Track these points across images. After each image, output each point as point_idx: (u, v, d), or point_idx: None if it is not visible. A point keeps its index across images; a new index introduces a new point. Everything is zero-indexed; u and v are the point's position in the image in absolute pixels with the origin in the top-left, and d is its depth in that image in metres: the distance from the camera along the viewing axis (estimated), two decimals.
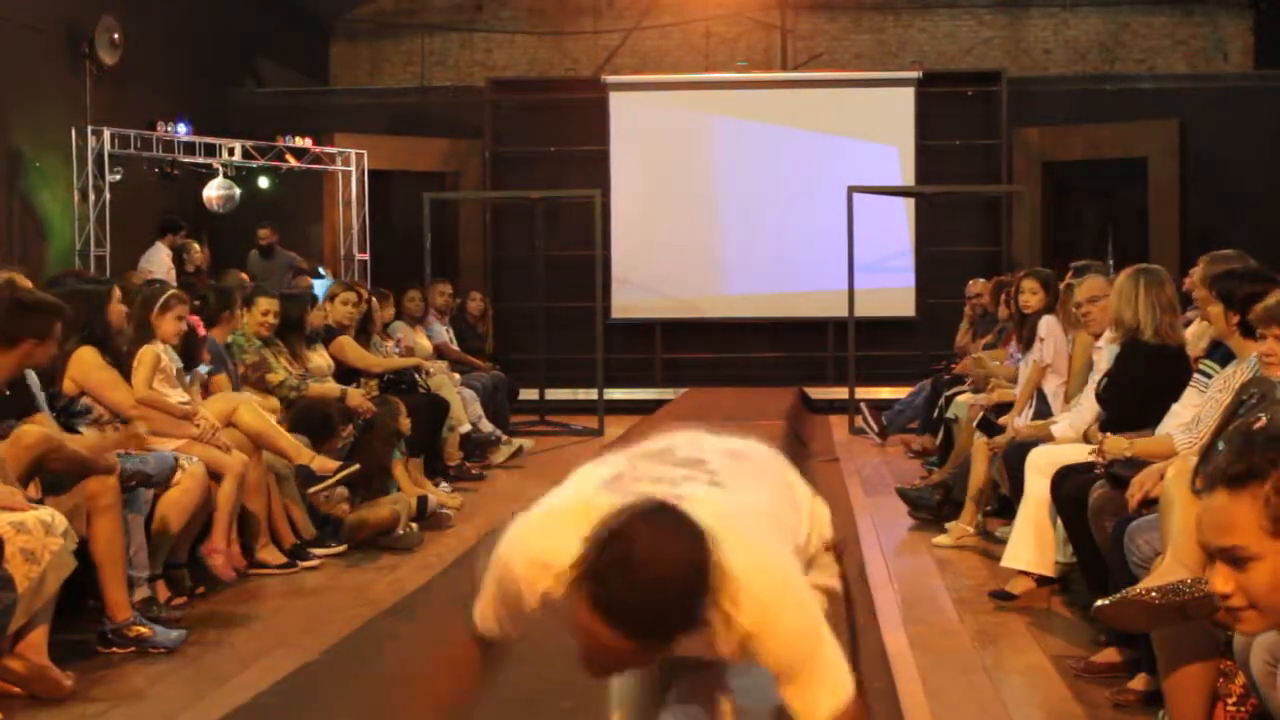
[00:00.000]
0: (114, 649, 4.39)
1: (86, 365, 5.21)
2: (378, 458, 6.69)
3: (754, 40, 15.33)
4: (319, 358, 7.37)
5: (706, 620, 1.93)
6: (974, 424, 6.78)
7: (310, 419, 6.37)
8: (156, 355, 5.61)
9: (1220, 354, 4.56)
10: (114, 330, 5.38)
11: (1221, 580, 1.90)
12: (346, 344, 7.74)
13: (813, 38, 15.35)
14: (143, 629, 4.43)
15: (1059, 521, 4.89)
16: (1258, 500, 1.82)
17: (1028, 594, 5.00)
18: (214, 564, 5.42)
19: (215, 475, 5.40)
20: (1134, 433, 4.65)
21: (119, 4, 11.29)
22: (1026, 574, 5.02)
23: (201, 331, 6.11)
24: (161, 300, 5.70)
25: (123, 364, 5.45)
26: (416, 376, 8.13)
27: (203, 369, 6.21)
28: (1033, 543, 4.99)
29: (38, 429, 4.40)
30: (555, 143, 13.96)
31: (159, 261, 10.32)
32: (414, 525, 6.47)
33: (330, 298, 8.02)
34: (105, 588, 4.39)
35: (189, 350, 5.92)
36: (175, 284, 7.96)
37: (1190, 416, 4.51)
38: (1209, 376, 4.55)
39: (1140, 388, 4.79)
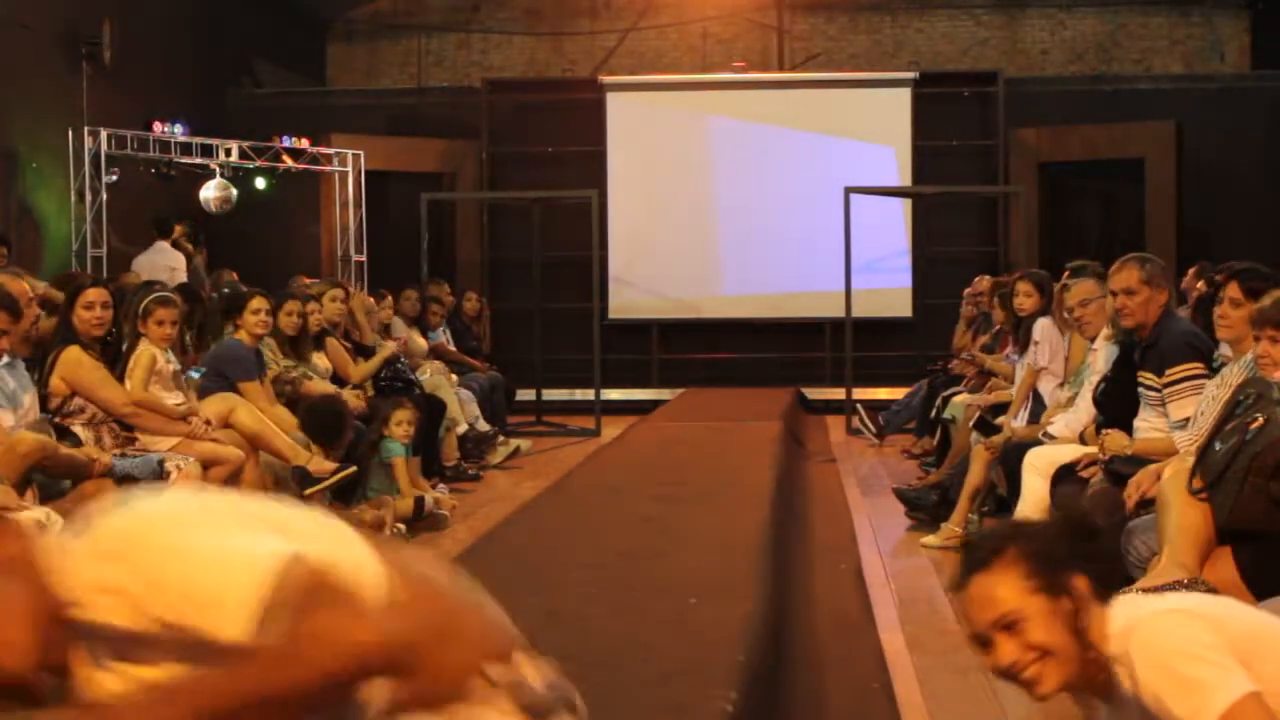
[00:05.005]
0: None
1: (75, 365, 5.21)
2: (358, 461, 6.64)
3: (751, 41, 15.33)
4: (318, 359, 7.38)
5: None
6: (971, 424, 6.79)
7: (322, 416, 6.35)
8: (152, 357, 5.61)
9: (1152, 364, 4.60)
10: (79, 333, 5.32)
11: (1006, 654, 2.10)
12: (334, 348, 7.71)
13: (810, 38, 15.35)
14: None
15: None
16: (1009, 570, 2.10)
17: None
18: None
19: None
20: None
21: (116, 4, 11.28)
22: None
23: None
24: (142, 306, 5.68)
25: (112, 363, 5.45)
26: (399, 366, 8.08)
27: (194, 373, 6.21)
28: None
29: (33, 435, 4.41)
30: (552, 143, 13.96)
31: (164, 262, 10.29)
32: (401, 526, 6.46)
33: (316, 296, 7.96)
34: None
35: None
36: (178, 285, 7.96)
37: (1152, 431, 4.54)
38: (1156, 390, 4.56)
39: (1135, 390, 4.78)
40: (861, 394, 10.95)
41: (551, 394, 11.71)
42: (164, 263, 10.23)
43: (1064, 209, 14.20)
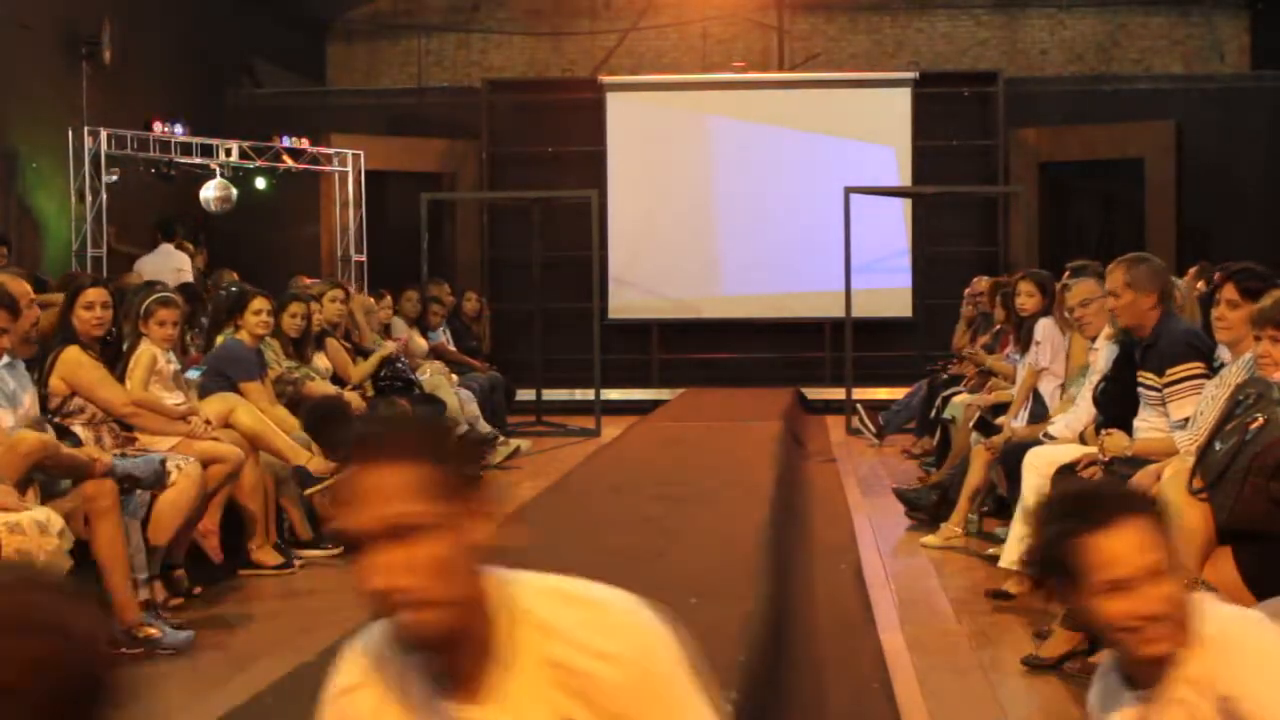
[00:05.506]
0: (122, 650, 4.38)
1: (74, 365, 5.21)
2: None
3: (751, 41, 15.33)
4: (318, 359, 7.38)
5: None
6: (971, 424, 6.78)
7: (325, 417, 6.35)
8: (153, 357, 5.61)
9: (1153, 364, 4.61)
10: (78, 333, 5.34)
11: (1147, 603, 2.04)
12: (334, 348, 7.71)
13: (810, 38, 15.35)
14: (151, 630, 4.44)
15: None
16: (1142, 529, 2.05)
17: (1025, 594, 5.00)
18: (209, 545, 5.42)
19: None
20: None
21: (116, 4, 11.27)
22: (1025, 574, 5.03)
23: None
24: (144, 306, 5.69)
25: (112, 363, 5.45)
26: (399, 366, 8.08)
27: (192, 373, 6.20)
28: None
29: (35, 435, 4.41)
30: (552, 143, 13.96)
31: (171, 264, 10.28)
32: None
33: (317, 297, 7.96)
34: (111, 590, 4.39)
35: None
36: (178, 285, 7.95)
37: (1152, 431, 4.55)
38: (1156, 390, 4.56)
39: (1134, 390, 4.78)
40: (861, 394, 10.95)
41: (551, 394, 11.71)
42: (171, 264, 10.23)
43: (1064, 209, 14.20)
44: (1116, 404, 4.89)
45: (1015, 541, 5.05)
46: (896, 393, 10.62)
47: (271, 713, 3.83)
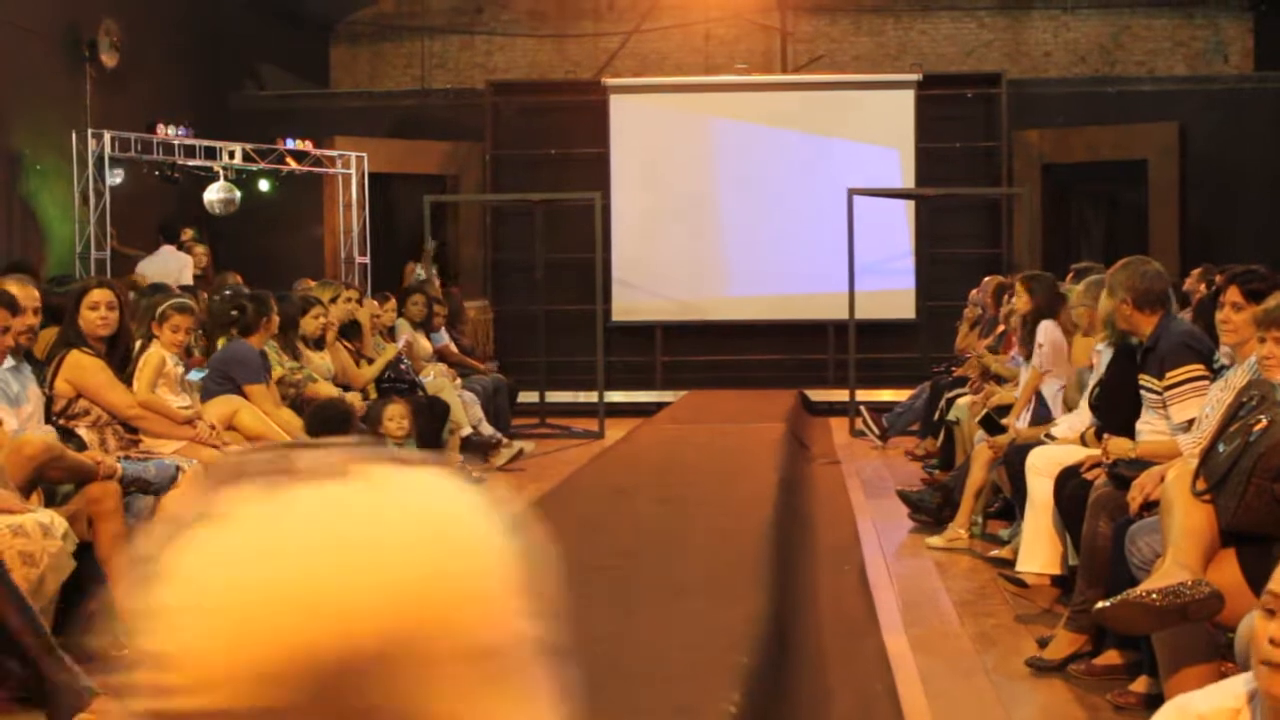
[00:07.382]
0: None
1: (81, 368, 5.22)
2: None
3: (754, 42, 15.33)
4: (319, 359, 7.39)
5: None
6: (976, 419, 6.77)
7: (327, 418, 6.36)
8: (161, 359, 5.62)
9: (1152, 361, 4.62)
10: (86, 335, 5.34)
11: None
12: (338, 350, 7.71)
13: (813, 40, 15.35)
14: None
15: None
16: None
17: (1038, 586, 5.01)
18: None
19: None
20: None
21: (120, 6, 11.29)
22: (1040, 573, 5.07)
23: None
24: (159, 311, 5.71)
25: (119, 366, 5.45)
26: (402, 367, 8.08)
27: (194, 375, 6.20)
28: (1045, 544, 5.00)
29: (40, 438, 4.42)
30: (555, 145, 13.97)
31: (176, 265, 10.29)
32: None
33: (333, 299, 7.99)
34: (115, 592, 4.39)
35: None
36: (183, 288, 7.96)
37: (1154, 434, 4.55)
38: (1157, 393, 4.56)
39: (1134, 393, 4.77)
40: (865, 396, 10.94)
41: (555, 396, 11.71)
42: (173, 267, 10.25)
43: (1067, 211, 14.20)
44: (1116, 407, 4.88)
45: (1030, 544, 5.05)
46: (900, 395, 10.62)
47: None
